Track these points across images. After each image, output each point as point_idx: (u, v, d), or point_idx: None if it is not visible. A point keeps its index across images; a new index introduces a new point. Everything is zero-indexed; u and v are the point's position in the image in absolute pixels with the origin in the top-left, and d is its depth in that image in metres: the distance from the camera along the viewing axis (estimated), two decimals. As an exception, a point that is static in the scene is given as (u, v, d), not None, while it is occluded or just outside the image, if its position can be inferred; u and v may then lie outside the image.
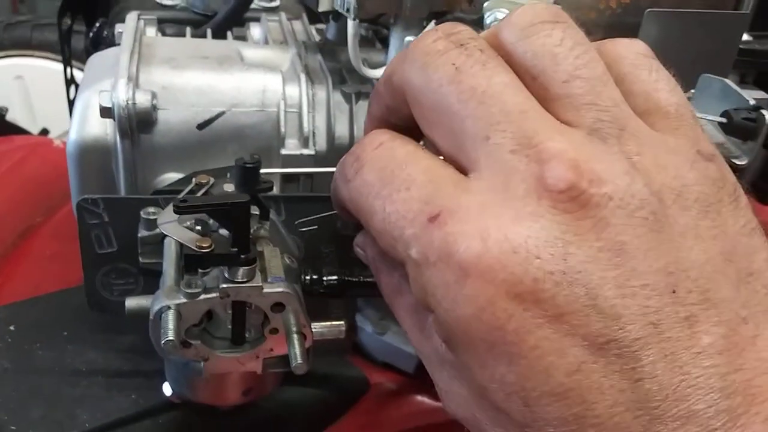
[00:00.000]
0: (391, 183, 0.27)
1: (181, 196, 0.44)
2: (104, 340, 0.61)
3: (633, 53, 0.29)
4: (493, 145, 0.26)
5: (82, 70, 0.86)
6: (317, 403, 0.59)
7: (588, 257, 0.24)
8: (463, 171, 0.27)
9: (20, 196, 1.01)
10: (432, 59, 0.28)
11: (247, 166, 0.42)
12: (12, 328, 0.63)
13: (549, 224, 0.24)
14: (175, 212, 0.38)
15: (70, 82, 0.82)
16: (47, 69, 1.58)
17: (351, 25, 0.54)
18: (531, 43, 0.27)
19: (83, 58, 0.86)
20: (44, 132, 1.51)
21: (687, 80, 0.51)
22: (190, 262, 0.40)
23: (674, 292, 0.24)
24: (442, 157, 0.29)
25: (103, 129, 0.53)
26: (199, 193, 0.47)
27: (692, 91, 0.52)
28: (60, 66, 1.60)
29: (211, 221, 0.43)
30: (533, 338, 0.24)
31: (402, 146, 0.28)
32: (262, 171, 0.43)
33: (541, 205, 0.24)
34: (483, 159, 0.26)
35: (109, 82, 0.53)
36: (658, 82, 0.29)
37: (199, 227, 0.43)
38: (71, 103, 0.82)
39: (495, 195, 0.25)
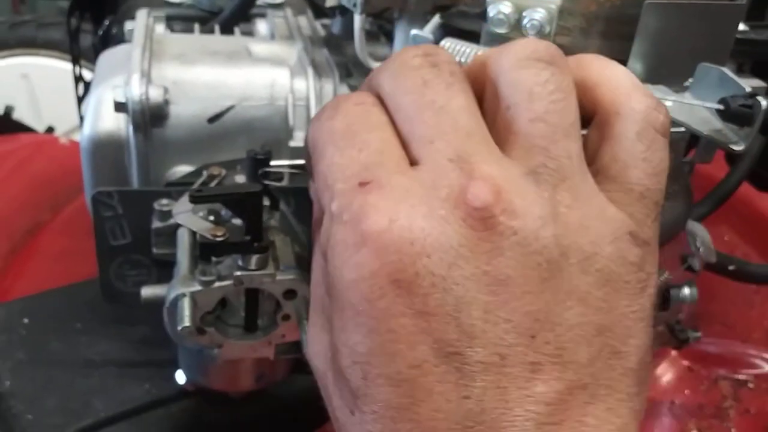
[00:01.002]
0: (351, 139, 0.29)
1: (194, 187, 0.45)
2: (116, 332, 0.62)
3: (647, 123, 0.30)
4: (434, 149, 0.27)
5: (88, 68, 0.87)
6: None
7: (471, 275, 0.25)
8: (407, 153, 0.29)
9: (27, 193, 1.02)
10: (405, 71, 0.29)
11: (258, 157, 0.43)
12: (26, 320, 0.64)
13: (452, 233, 0.25)
14: (191, 202, 0.39)
15: (78, 79, 0.83)
16: (53, 67, 1.59)
17: (357, 19, 0.55)
18: (518, 75, 0.29)
19: (90, 56, 0.87)
20: (50, 130, 1.52)
21: (685, 70, 0.52)
22: (205, 250, 0.41)
23: (533, 337, 0.26)
24: None
25: (116, 124, 0.55)
26: (212, 185, 0.48)
27: (690, 80, 0.53)
28: (65, 64, 1.61)
29: (223, 212, 0.44)
30: (394, 322, 0.26)
31: (378, 114, 0.30)
32: (272, 163, 0.44)
33: (453, 214, 0.26)
34: (424, 157, 0.27)
35: (121, 78, 0.54)
36: (644, 162, 0.29)
37: (212, 217, 0.44)
38: (80, 101, 0.83)
39: (420, 188, 0.26)
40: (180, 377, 0.51)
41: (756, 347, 0.82)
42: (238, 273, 0.41)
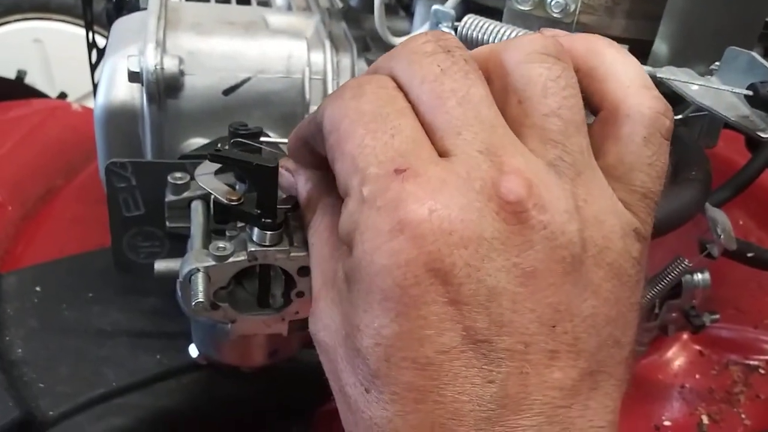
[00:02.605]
0: (382, 122, 0.28)
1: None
2: (128, 302, 0.62)
3: (655, 128, 0.30)
4: (463, 141, 0.27)
5: (101, 33, 0.86)
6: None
7: (503, 267, 0.26)
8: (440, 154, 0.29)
9: (40, 159, 1.02)
10: (419, 58, 0.29)
11: (240, 132, 0.42)
12: (38, 288, 0.64)
13: (487, 225, 0.26)
14: (210, 159, 0.39)
15: (91, 46, 0.83)
16: (65, 32, 1.58)
17: (378, -8, 0.54)
18: (530, 69, 0.29)
19: (102, 21, 0.87)
20: (62, 96, 1.51)
21: (712, 52, 0.51)
22: (217, 211, 0.41)
23: (553, 326, 0.27)
24: None
25: (130, 93, 0.54)
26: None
27: (717, 63, 0.51)
28: (78, 29, 1.60)
29: (238, 186, 0.44)
30: (425, 309, 0.26)
31: (403, 100, 0.30)
32: (280, 140, 0.44)
33: (488, 207, 0.26)
34: (453, 149, 0.28)
35: (136, 47, 0.53)
36: (650, 166, 0.30)
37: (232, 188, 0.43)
38: (93, 67, 0.83)
39: (456, 179, 0.27)
40: (192, 351, 0.51)
41: (768, 333, 0.82)
42: (253, 249, 0.41)
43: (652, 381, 0.82)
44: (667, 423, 0.75)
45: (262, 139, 0.43)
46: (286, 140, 0.44)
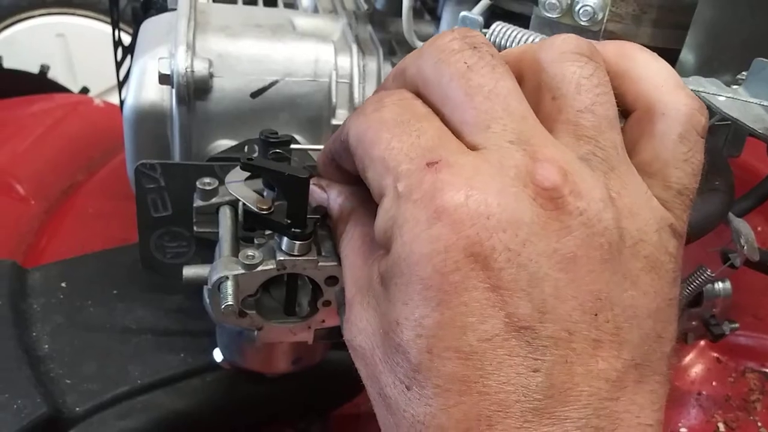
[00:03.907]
0: (405, 126, 0.29)
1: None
2: (153, 300, 0.63)
3: (691, 126, 0.30)
4: (493, 133, 0.28)
5: (125, 30, 0.87)
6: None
7: (543, 252, 0.26)
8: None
9: (63, 154, 1.02)
10: (446, 56, 0.29)
11: (270, 140, 0.42)
12: (64, 284, 0.65)
13: (525, 210, 0.26)
14: (241, 168, 0.39)
15: (117, 44, 0.83)
16: (89, 28, 1.59)
17: (406, -3, 0.54)
18: (564, 67, 0.29)
19: (126, 18, 0.87)
20: (85, 90, 1.52)
21: (739, 62, 0.51)
22: (248, 219, 0.41)
23: (596, 315, 0.26)
24: None
25: (159, 95, 0.55)
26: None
27: (744, 73, 0.51)
28: (101, 25, 1.61)
29: (266, 193, 0.44)
30: (467, 296, 0.26)
31: (422, 106, 0.30)
32: (310, 147, 0.44)
33: (525, 192, 0.26)
34: (483, 142, 0.28)
35: (165, 49, 0.54)
36: (686, 163, 0.30)
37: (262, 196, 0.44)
38: (118, 65, 0.83)
39: (489, 167, 0.27)
40: (217, 356, 0.51)
41: (786, 341, 0.82)
42: (281, 258, 0.41)
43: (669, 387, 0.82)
44: (683, 430, 0.75)
45: (293, 146, 0.43)
46: (317, 147, 0.45)
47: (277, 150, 0.42)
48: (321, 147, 0.51)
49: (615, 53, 0.32)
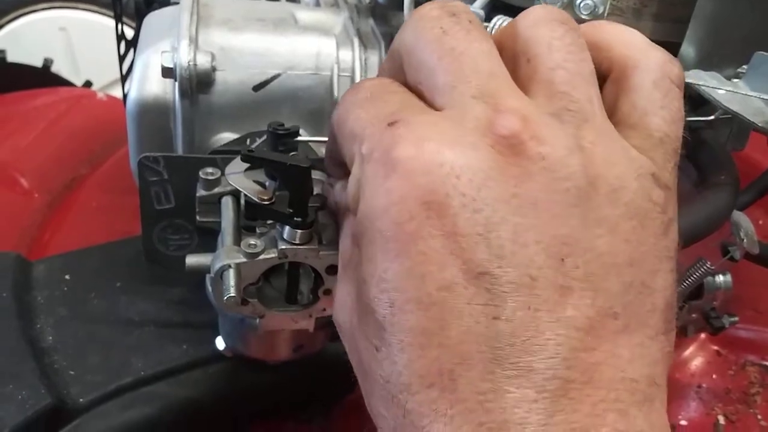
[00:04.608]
0: (374, 100, 0.30)
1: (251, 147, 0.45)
2: (155, 292, 0.63)
3: (663, 73, 0.31)
4: (457, 92, 0.28)
5: (128, 24, 0.87)
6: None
7: (500, 197, 0.26)
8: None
9: (66, 147, 1.03)
10: (424, 23, 0.30)
11: (279, 132, 0.43)
12: (67, 277, 0.65)
13: (481, 157, 0.26)
14: (242, 159, 0.39)
15: (120, 37, 0.84)
16: (91, 21, 1.59)
17: (407, -9, 0.54)
18: (536, 31, 0.30)
19: (129, 11, 0.88)
20: (87, 84, 1.53)
21: (739, 56, 0.51)
22: (249, 210, 0.41)
23: (562, 260, 0.26)
24: None
25: (162, 88, 0.55)
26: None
27: (744, 67, 0.52)
28: (103, 19, 1.62)
29: (267, 183, 0.45)
30: (423, 244, 0.26)
31: (396, 84, 0.31)
32: (314, 139, 0.44)
33: (482, 141, 0.26)
34: (447, 102, 0.28)
35: (168, 43, 0.54)
36: (663, 109, 0.30)
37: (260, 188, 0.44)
38: (121, 59, 0.84)
39: (446, 121, 0.27)
40: (219, 344, 0.52)
41: (786, 334, 0.82)
42: (283, 246, 0.41)
43: (669, 380, 0.81)
44: (683, 422, 0.76)
45: (299, 138, 0.43)
46: (321, 138, 0.45)
47: (286, 143, 0.43)
48: (325, 139, 0.51)
49: (587, 27, 0.32)
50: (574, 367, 0.25)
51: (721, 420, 0.76)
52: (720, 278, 0.70)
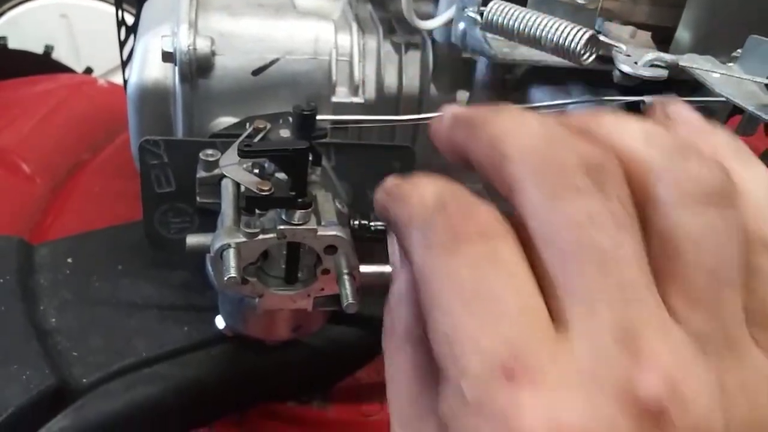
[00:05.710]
0: (484, 300, 0.23)
1: (239, 140, 0.46)
2: (157, 275, 0.64)
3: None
4: (594, 317, 0.23)
5: (128, 11, 0.87)
6: (359, 341, 0.62)
7: None
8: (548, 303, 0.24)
9: (67, 133, 1.03)
10: (565, 192, 0.24)
11: (305, 113, 0.44)
12: (70, 260, 0.66)
13: None
14: (240, 156, 0.40)
15: (120, 23, 0.84)
16: (92, 8, 1.59)
17: (405, -24, 0.55)
18: (685, 218, 0.24)
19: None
20: (88, 71, 1.53)
21: (734, 40, 0.52)
22: (251, 203, 0.42)
23: None
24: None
25: (162, 73, 0.55)
26: (257, 138, 0.49)
27: (739, 50, 0.52)
28: (103, 5, 1.61)
29: (267, 164, 0.45)
30: None
31: (509, 253, 0.24)
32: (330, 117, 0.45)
33: (622, 413, 0.22)
34: (578, 326, 0.23)
35: (168, 27, 0.55)
36: None
37: (257, 171, 0.45)
38: (122, 45, 0.84)
39: (578, 378, 0.22)
40: (219, 323, 0.53)
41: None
42: (282, 227, 0.42)
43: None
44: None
45: (318, 117, 0.44)
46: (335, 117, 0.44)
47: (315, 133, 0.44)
48: (329, 117, 0.52)
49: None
50: None
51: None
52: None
